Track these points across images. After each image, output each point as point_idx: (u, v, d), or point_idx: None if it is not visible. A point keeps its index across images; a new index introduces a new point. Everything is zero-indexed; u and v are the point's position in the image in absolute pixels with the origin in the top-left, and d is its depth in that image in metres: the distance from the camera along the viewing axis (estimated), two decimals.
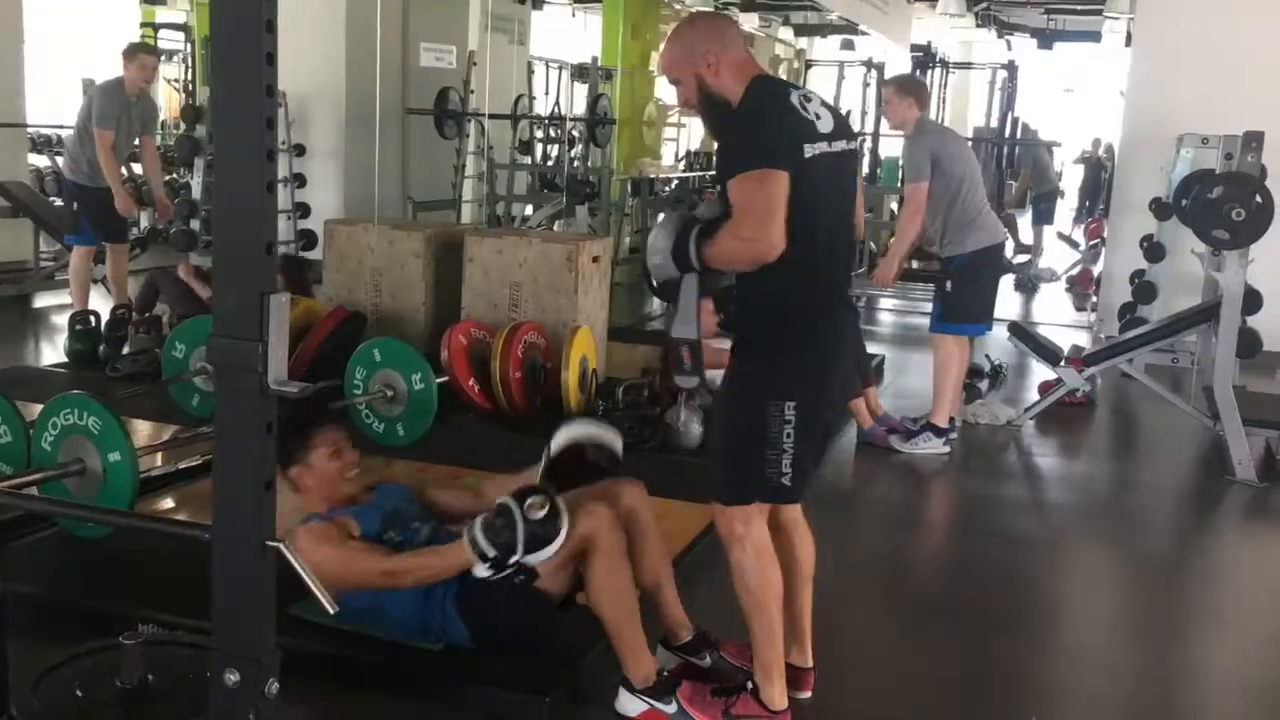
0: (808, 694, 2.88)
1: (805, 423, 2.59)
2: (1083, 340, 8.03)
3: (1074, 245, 13.40)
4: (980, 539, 4.46)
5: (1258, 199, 4.85)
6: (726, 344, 5.39)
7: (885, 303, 9.82)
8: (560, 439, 2.89)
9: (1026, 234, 14.06)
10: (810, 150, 2.51)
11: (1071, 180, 18.90)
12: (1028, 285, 11.71)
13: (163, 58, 10.14)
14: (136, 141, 6.55)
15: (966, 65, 17.42)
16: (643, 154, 9.72)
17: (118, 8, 14.22)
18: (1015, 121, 15.57)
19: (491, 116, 10.07)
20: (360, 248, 5.84)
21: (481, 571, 2.65)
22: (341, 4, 9.32)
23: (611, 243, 6.12)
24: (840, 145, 2.64)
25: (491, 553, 2.62)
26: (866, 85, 15.81)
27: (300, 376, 4.99)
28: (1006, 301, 10.92)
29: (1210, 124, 6.82)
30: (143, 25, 13.92)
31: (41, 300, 8.02)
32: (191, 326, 4.97)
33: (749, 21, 17.46)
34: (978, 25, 21.58)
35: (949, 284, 5.22)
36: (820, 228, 2.58)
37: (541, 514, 2.62)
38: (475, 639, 2.84)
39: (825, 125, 2.61)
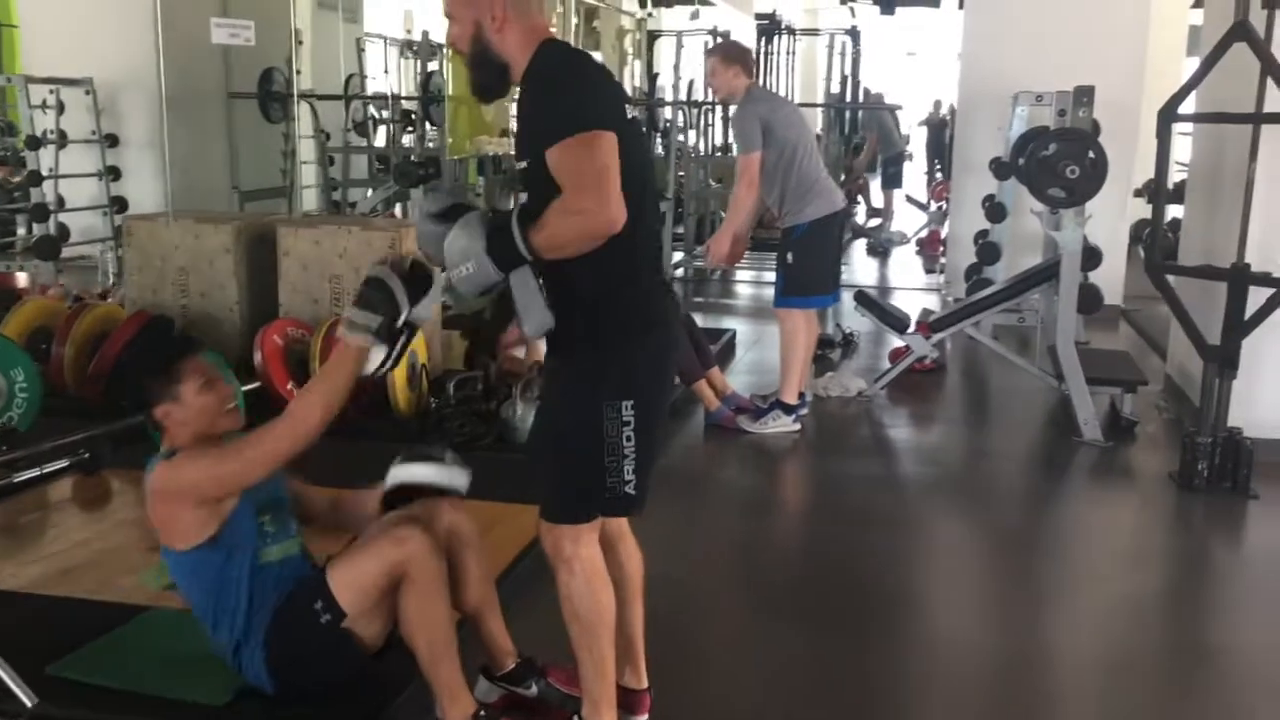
0: (643, 718, 2.64)
1: (646, 421, 2.32)
2: (934, 304, 8.02)
3: (923, 207, 13.50)
4: (831, 522, 4.31)
5: (1091, 155, 4.77)
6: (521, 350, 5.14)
7: (739, 275, 9.68)
8: (392, 480, 2.59)
9: (878, 199, 14.16)
10: (629, 111, 2.27)
11: (918, 143, 19.16)
12: (879, 250, 11.74)
13: None
14: None
15: (813, 32, 17.40)
16: (482, 131, 9.37)
17: None
18: (858, 86, 15.70)
19: (319, 97, 9.58)
20: (164, 244, 5.39)
21: (376, 357, 2.33)
22: None
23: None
24: (634, 111, 2.40)
25: (376, 322, 2.30)
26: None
27: (99, 388, 4.54)
28: (860, 267, 10.96)
29: (1044, 82, 6.81)
30: None
31: None
32: None
33: None
34: None
35: (790, 255, 5.04)
36: (644, 200, 2.31)
37: (408, 262, 2.34)
38: (280, 691, 2.51)
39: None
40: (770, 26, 14.57)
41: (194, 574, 2.48)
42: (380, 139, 11.13)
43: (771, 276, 5.61)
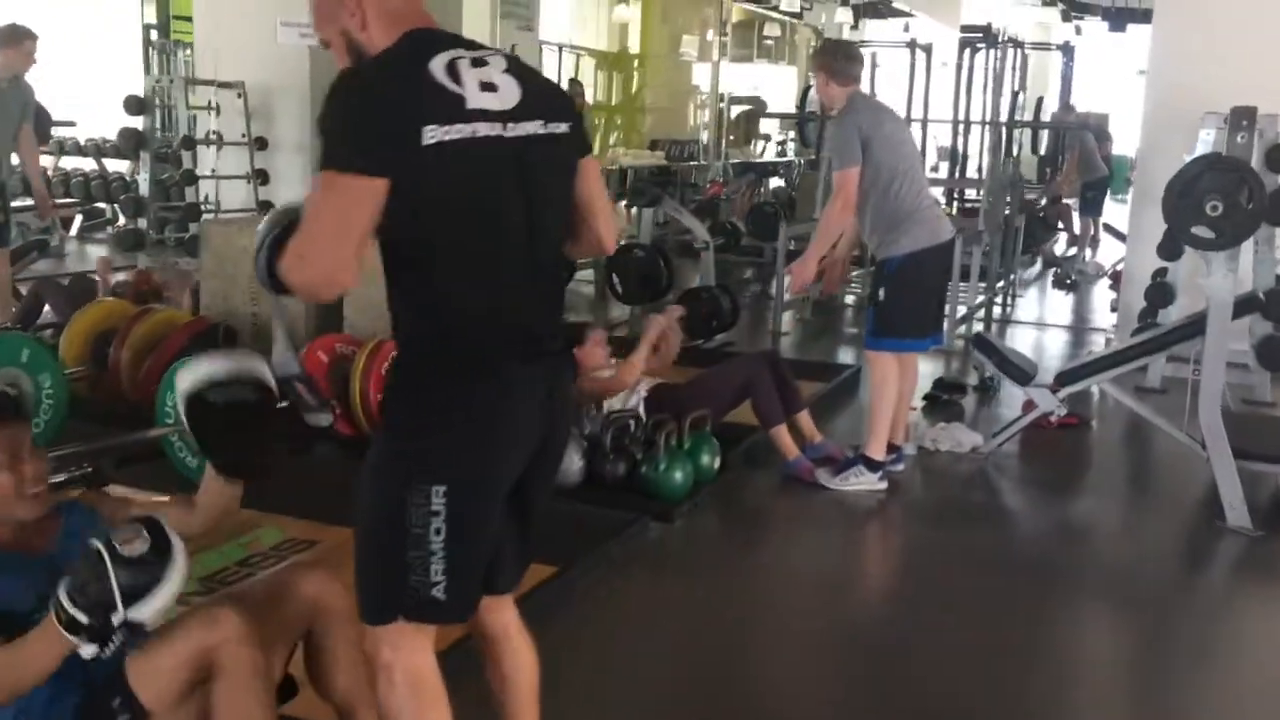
0: None
1: (464, 514, 1.87)
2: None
3: (1121, 237, 12.34)
4: (913, 609, 3.61)
5: (1247, 189, 3.96)
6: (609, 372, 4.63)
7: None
8: (182, 392, 2.13)
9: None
10: (438, 134, 1.77)
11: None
12: (1068, 282, 10.74)
13: None
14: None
15: (1018, 45, 16.36)
16: (633, 143, 9.03)
17: None
18: (1067, 104, 14.60)
19: None
20: (237, 250, 5.22)
21: (86, 650, 1.92)
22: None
23: None
24: (530, 127, 1.91)
25: (84, 618, 1.89)
26: (913, 68, 15.03)
27: (149, 396, 4.26)
28: (1037, 301, 10.03)
29: (1238, 101, 5.90)
30: None
31: None
32: None
33: (789, 2, 16.65)
34: (1043, 4, 20.50)
35: (882, 291, 4.43)
36: (485, 240, 1.87)
37: (139, 549, 1.91)
38: None
39: (500, 99, 1.87)
40: (972, 39, 13.75)
41: None
42: None
43: None
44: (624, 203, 8.25)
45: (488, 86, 1.87)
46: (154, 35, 12.21)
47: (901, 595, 3.85)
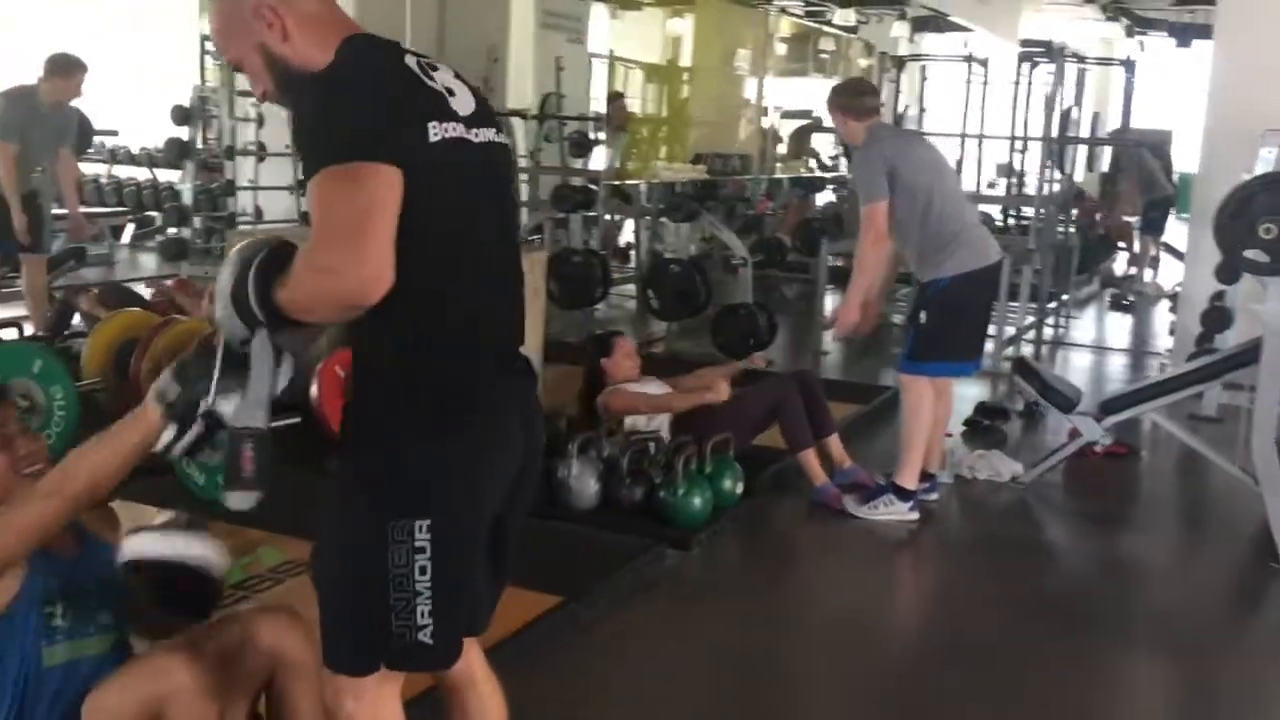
0: None
1: (450, 550, 1.74)
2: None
3: (1181, 258, 11.98)
4: (942, 658, 3.37)
5: None
6: (655, 387, 4.49)
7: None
8: (127, 553, 2.06)
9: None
10: (438, 131, 1.67)
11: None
12: (1125, 304, 10.42)
13: None
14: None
15: (1080, 59, 16.01)
16: (675, 156, 8.89)
17: None
18: (1128, 122, 14.24)
19: (521, 116, 9.38)
20: None
21: (166, 436, 1.83)
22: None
23: (544, 256, 5.31)
24: (487, 135, 1.79)
25: (174, 394, 1.82)
26: (969, 83, 14.78)
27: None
28: (1092, 323, 9.72)
29: None
30: None
31: None
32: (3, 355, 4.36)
33: (844, 17, 16.44)
34: (1106, 19, 20.08)
35: (924, 314, 4.25)
36: (466, 250, 1.75)
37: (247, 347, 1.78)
38: None
39: (463, 104, 1.76)
40: (1032, 53, 13.47)
41: None
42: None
43: None
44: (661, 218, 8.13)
45: (452, 90, 1.76)
46: (209, 45, 12.29)
47: (931, 636, 3.64)
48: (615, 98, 8.37)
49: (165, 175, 10.96)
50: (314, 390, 4.48)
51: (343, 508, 1.78)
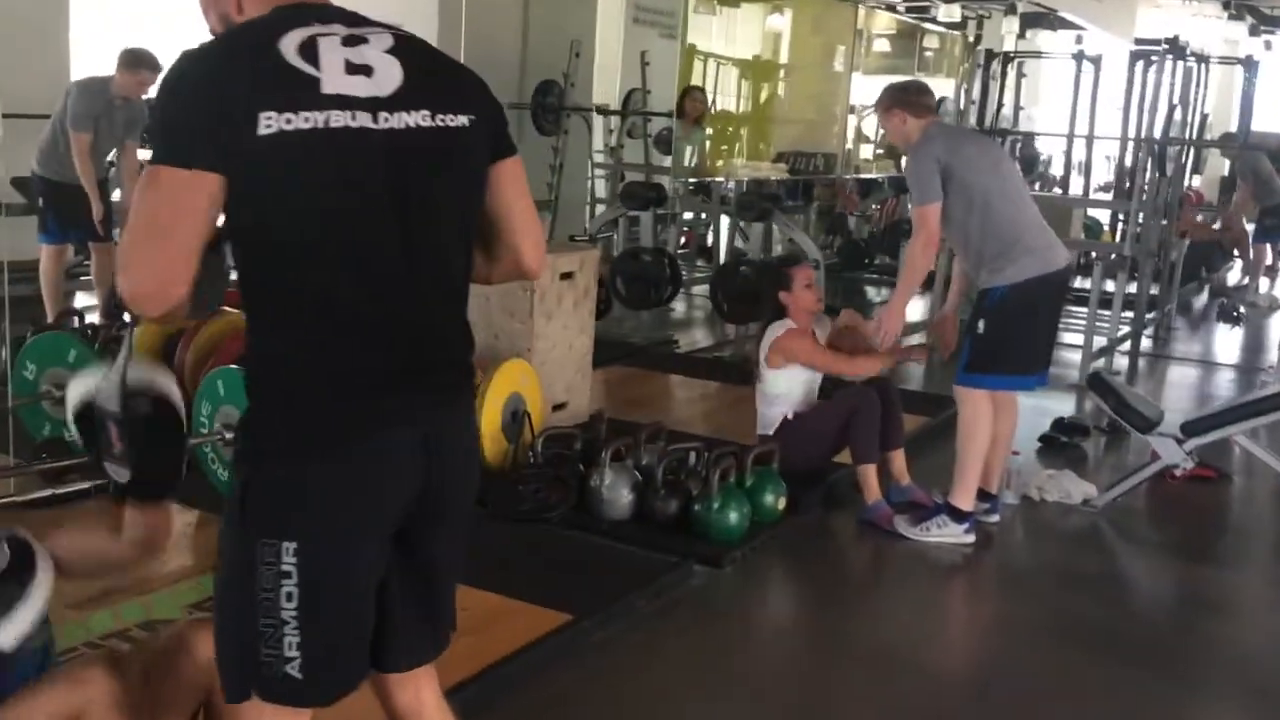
0: None
1: (320, 578, 1.58)
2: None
3: None
4: (990, 694, 3.12)
5: None
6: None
7: None
8: (71, 404, 1.86)
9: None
10: (277, 122, 1.47)
11: None
12: (1233, 315, 9.83)
13: None
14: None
15: (1201, 59, 15.28)
16: (755, 155, 8.63)
17: None
18: (1248, 124, 13.55)
19: (594, 110, 9.22)
20: None
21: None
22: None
23: (596, 254, 5.12)
24: (413, 118, 1.58)
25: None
26: (1078, 82, 14.27)
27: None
28: (1198, 336, 9.19)
29: None
30: None
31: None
32: (41, 344, 4.33)
33: (949, 13, 16.00)
34: (1230, 18, 19.22)
35: (982, 323, 3.97)
36: (342, 253, 1.56)
37: None
38: None
39: (375, 84, 1.56)
40: (1147, 51, 12.89)
41: None
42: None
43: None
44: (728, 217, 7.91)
45: (358, 69, 1.56)
46: None
47: (979, 674, 3.35)
48: (690, 91, 8.12)
49: None
50: None
51: (224, 522, 1.64)
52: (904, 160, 4.41)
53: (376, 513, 1.62)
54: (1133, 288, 7.51)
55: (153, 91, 6.07)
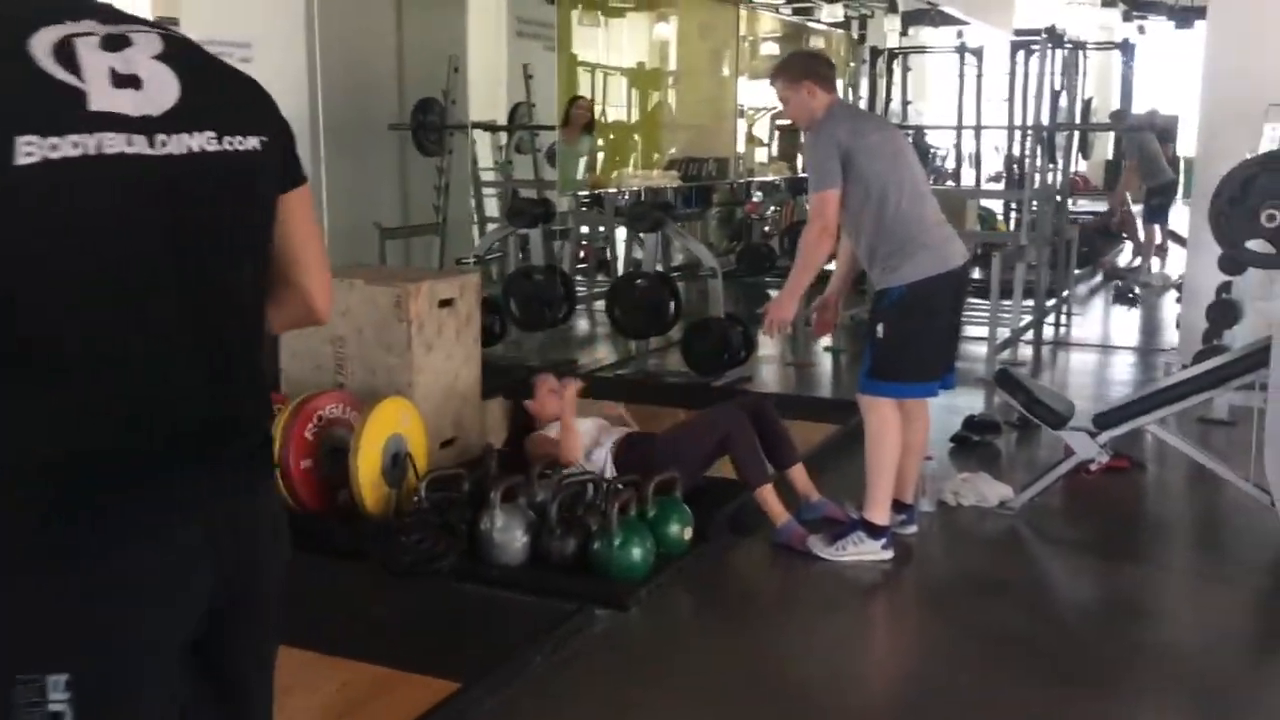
0: None
1: (113, 708, 1.28)
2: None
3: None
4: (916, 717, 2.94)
5: None
6: (589, 424, 4.03)
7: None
8: None
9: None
10: (40, 149, 1.17)
11: None
12: (1129, 297, 9.87)
13: None
14: None
15: (1078, 46, 15.50)
16: (647, 164, 8.42)
17: None
18: (1128, 107, 13.77)
19: (477, 126, 8.93)
20: None
21: None
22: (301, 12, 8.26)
23: (477, 278, 4.83)
24: (195, 142, 1.29)
25: None
26: (962, 75, 14.40)
27: None
28: (1095, 319, 9.19)
29: None
30: None
31: None
32: None
33: (832, 13, 16.02)
34: (1103, 4, 19.62)
35: (880, 327, 3.77)
36: (107, 317, 1.26)
37: None
38: None
39: (146, 99, 1.27)
40: (1027, 41, 13.04)
41: None
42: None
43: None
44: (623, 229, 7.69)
45: (126, 80, 1.27)
46: None
47: (907, 699, 3.14)
48: (575, 99, 7.87)
49: None
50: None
51: None
52: (800, 160, 4.24)
53: (164, 616, 1.31)
54: (1030, 276, 7.44)
55: None
